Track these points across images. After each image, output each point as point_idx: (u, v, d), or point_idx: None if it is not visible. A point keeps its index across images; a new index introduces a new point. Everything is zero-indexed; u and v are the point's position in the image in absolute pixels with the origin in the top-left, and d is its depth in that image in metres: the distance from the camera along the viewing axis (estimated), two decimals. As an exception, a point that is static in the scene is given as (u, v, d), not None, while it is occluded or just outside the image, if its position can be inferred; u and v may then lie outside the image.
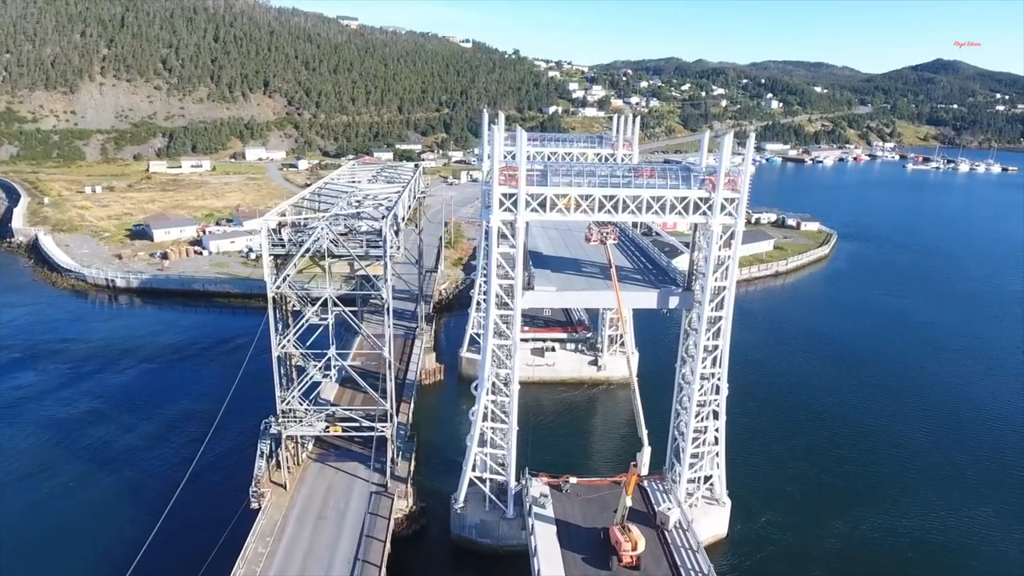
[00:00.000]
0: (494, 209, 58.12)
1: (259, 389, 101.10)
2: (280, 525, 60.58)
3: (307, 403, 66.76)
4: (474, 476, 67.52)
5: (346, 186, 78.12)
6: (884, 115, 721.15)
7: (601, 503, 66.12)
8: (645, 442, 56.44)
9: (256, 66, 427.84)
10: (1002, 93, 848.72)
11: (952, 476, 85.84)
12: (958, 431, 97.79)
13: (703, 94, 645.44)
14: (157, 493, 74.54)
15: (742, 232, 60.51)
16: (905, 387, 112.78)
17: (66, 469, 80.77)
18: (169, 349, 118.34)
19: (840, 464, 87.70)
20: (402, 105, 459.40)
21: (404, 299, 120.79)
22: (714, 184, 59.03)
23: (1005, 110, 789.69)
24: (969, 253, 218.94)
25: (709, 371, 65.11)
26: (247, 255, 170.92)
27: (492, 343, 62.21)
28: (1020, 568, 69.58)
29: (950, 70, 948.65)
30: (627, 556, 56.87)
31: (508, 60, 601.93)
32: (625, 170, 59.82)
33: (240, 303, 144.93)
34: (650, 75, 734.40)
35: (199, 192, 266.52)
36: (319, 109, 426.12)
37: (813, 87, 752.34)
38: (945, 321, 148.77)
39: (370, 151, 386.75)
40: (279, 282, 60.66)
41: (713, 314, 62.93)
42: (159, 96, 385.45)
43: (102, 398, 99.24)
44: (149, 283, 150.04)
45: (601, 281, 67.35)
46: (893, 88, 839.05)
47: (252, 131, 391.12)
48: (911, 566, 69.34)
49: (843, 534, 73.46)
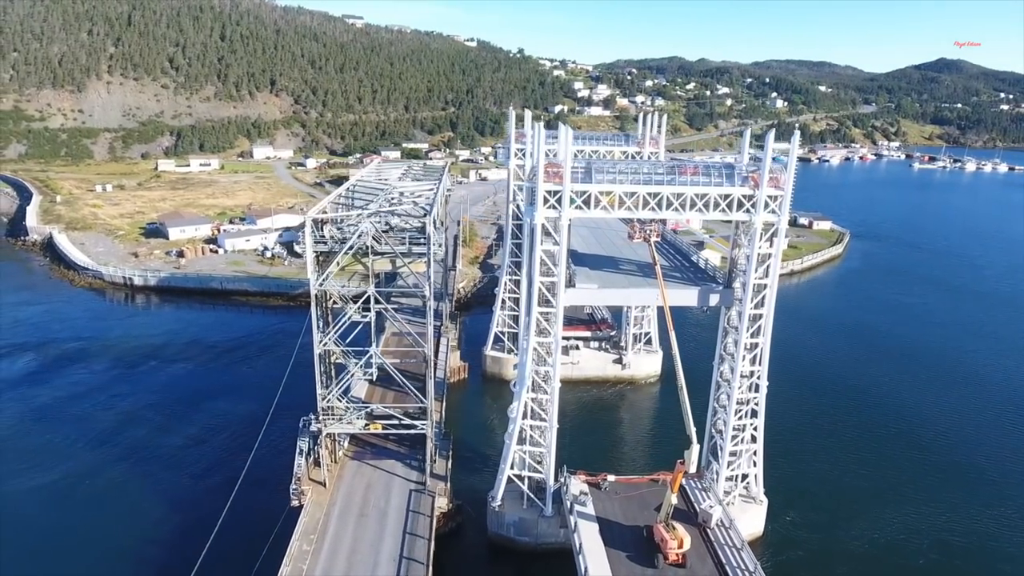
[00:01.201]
0: (538, 206, 57.96)
1: (292, 388, 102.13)
2: (322, 523, 60.51)
3: (345, 401, 66.58)
4: (512, 474, 67.41)
5: (379, 184, 77.97)
6: (888, 114, 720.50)
7: (641, 501, 66.00)
8: (694, 440, 56.27)
9: (263, 65, 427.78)
10: (1006, 92, 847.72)
11: (981, 477, 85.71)
12: (983, 430, 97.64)
13: (708, 93, 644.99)
14: (204, 492, 75.02)
15: (785, 229, 60.38)
16: (931, 385, 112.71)
17: (105, 470, 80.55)
18: (193, 348, 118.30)
19: (870, 463, 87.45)
20: (408, 104, 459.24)
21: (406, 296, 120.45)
22: (757, 181, 58.95)
23: (1009, 109, 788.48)
24: (983, 252, 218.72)
25: (749, 369, 64.99)
26: (263, 253, 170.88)
27: (534, 340, 62.10)
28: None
29: (954, 69, 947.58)
30: (673, 554, 56.72)
31: (513, 59, 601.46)
32: (668, 167, 59.66)
33: (259, 301, 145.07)
34: (654, 74, 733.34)
35: (209, 191, 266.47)
36: (326, 108, 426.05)
37: (817, 86, 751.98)
38: (965, 320, 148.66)
39: (377, 150, 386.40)
40: (322, 279, 60.34)
41: (754, 312, 62.81)
42: (166, 95, 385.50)
43: (133, 398, 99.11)
44: (167, 281, 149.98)
45: (640, 278, 67.23)
46: (897, 87, 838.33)
47: (259, 130, 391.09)
48: (943, 568, 69.12)
49: (874, 534, 73.22)
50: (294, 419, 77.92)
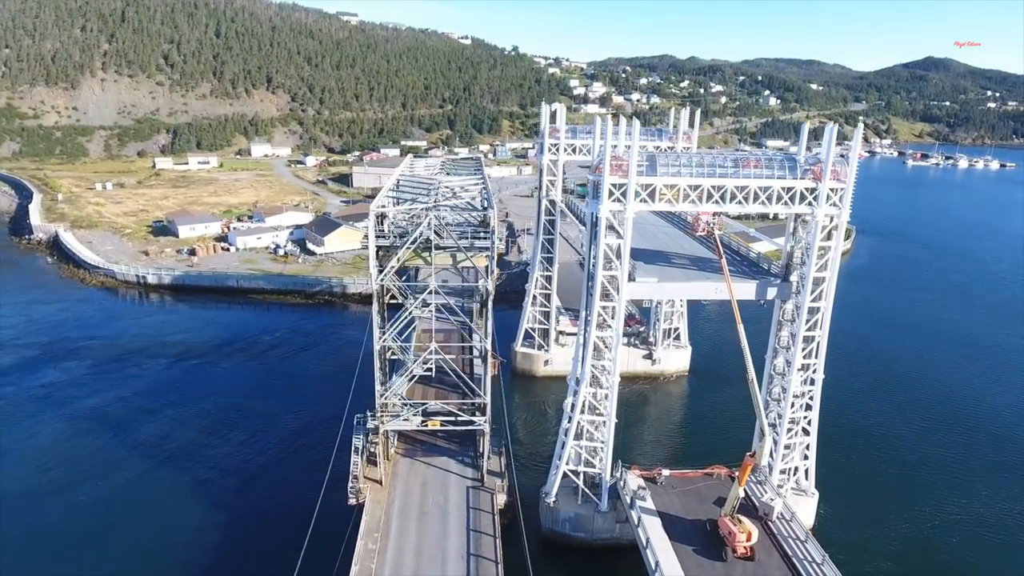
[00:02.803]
0: (603, 200, 57.61)
1: (317, 387, 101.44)
2: (384, 521, 59.87)
3: (402, 397, 65.92)
4: (568, 469, 67.09)
5: (426, 179, 77.21)
6: (879, 112, 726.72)
7: (698, 495, 65.89)
8: (767, 433, 56.14)
9: (258, 62, 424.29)
10: (992, 91, 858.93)
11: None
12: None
13: (702, 91, 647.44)
14: (232, 491, 74.20)
15: (846, 222, 60.47)
16: (981, 372, 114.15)
17: (129, 467, 79.26)
18: (213, 345, 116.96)
19: (922, 455, 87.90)
20: (405, 101, 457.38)
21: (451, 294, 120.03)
22: (819, 174, 58.95)
23: (996, 107, 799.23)
24: (987, 248, 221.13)
25: (806, 361, 65.00)
26: (275, 251, 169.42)
27: (595, 335, 61.77)
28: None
29: (941, 68, 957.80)
30: (741, 547, 56.62)
31: (508, 57, 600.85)
32: (732, 160, 59.49)
33: (276, 299, 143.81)
34: (647, 72, 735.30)
35: (211, 189, 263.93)
36: (323, 105, 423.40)
37: (809, 84, 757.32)
38: (981, 316, 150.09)
39: (376, 148, 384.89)
40: (384, 275, 59.59)
41: (812, 304, 62.80)
42: (162, 92, 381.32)
43: (154, 396, 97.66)
44: (181, 280, 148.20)
45: (697, 272, 67.13)
46: (886, 85, 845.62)
47: (256, 127, 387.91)
48: (996, 565, 69.60)
49: (922, 528, 73.52)
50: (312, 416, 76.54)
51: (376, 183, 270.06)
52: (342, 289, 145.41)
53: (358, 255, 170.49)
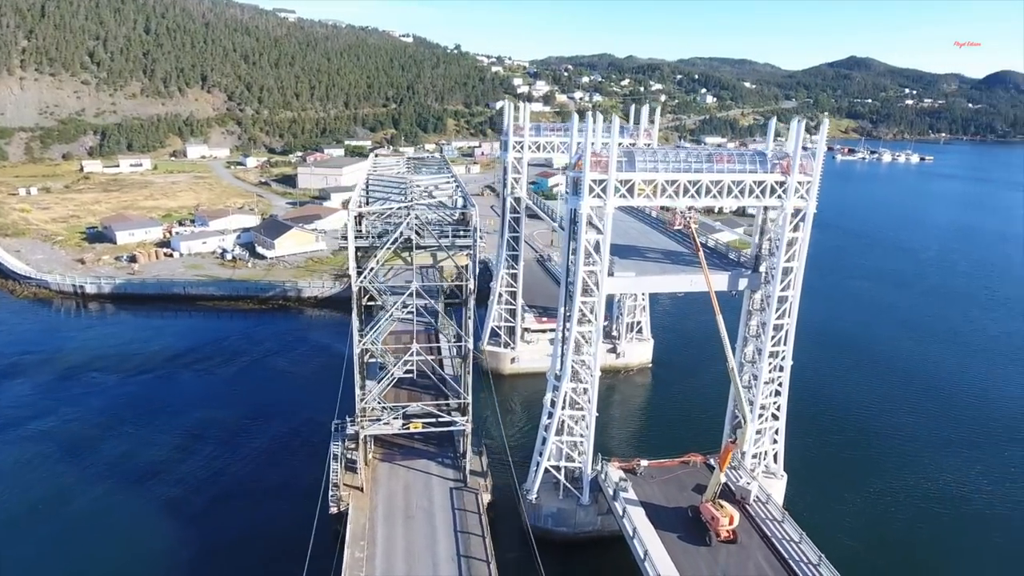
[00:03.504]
0: (584, 196, 58.00)
1: (272, 393, 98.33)
2: (369, 528, 58.56)
3: (381, 401, 64.60)
4: (550, 465, 67.33)
5: (396, 178, 75.79)
6: (808, 109, 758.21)
7: (678, 483, 67.26)
8: (747, 420, 57.71)
9: (192, 59, 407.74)
10: (910, 88, 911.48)
11: (958, 440, 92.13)
12: (954, 403, 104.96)
13: (642, 89, 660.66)
14: (221, 508, 71.09)
15: (813, 214, 62.82)
16: (922, 349, 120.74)
17: (89, 491, 74.58)
18: (165, 356, 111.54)
19: (881, 435, 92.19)
20: (348, 100, 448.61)
21: (398, 292, 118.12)
22: (787, 168, 61.04)
23: (914, 104, 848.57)
24: (914, 237, 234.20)
25: (775, 349, 67.18)
26: (222, 256, 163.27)
27: (576, 330, 62.16)
28: None
29: (863, 67, 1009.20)
30: (724, 531, 58.14)
31: (452, 56, 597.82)
32: (706, 155, 60.91)
33: (227, 306, 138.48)
34: (589, 71, 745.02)
35: (147, 192, 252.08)
36: (262, 105, 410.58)
37: (743, 83, 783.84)
38: (917, 301, 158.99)
39: (319, 148, 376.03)
40: (364, 276, 58.17)
41: (782, 293, 64.98)
42: (87, 91, 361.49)
43: (109, 413, 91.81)
44: (123, 288, 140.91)
45: (672, 265, 68.45)
46: (813, 84, 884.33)
47: (192, 128, 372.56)
48: (952, 535, 73.77)
49: (883, 503, 77.28)
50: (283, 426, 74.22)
51: (323, 184, 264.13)
52: (297, 293, 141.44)
53: (311, 258, 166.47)
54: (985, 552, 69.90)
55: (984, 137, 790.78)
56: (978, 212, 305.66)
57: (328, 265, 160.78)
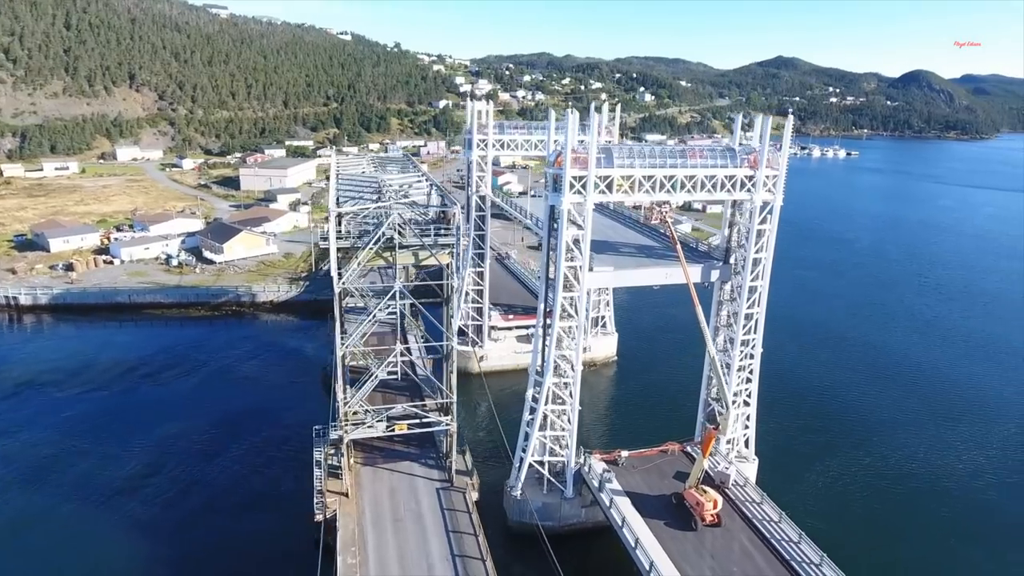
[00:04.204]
0: (565, 192, 58.59)
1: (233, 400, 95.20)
2: (358, 534, 57.52)
3: (363, 404, 63.48)
4: (533, 460, 67.74)
5: (366, 177, 74.43)
6: (741, 107, 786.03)
7: (658, 471, 68.90)
8: (730, 406, 59.57)
9: (118, 57, 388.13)
10: (833, 87, 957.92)
11: (921, 419, 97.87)
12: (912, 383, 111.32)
13: (583, 88, 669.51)
14: (189, 523, 68.28)
15: (780, 206, 65.38)
16: (863, 335, 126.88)
17: (53, 514, 70.35)
18: (117, 370, 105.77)
19: (830, 420, 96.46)
20: (287, 99, 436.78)
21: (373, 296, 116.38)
22: (755, 163, 63.35)
23: (838, 102, 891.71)
24: (846, 228, 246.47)
25: (746, 337, 69.62)
26: (167, 261, 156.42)
27: (559, 325, 62.76)
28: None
29: (790, 66, 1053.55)
30: (709, 515, 59.94)
31: (392, 54, 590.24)
32: (679, 151, 62.53)
33: (176, 313, 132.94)
34: (529, 70, 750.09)
35: (76, 197, 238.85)
36: (195, 104, 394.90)
37: (679, 82, 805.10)
38: (857, 289, 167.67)
39: (260, 148, 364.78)
40: (347, 278, 57.01)
41: (752, 283, 67.41)
42: (3, 91, 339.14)
43: (63, 432, 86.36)
44: (63, 298, 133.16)
45: (646, 259, 69.98)
46: (744, 82, 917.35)
47: (121, 129, 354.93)
48: (895, 500, 78.25)
49: (846, 480, 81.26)
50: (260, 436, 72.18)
51: (267, 185, 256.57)
52: (251, 298, 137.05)
53: (262, 261, 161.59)
54: (933, 524, 74.00)
55: (902, 133, 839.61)
56: (903, 203, 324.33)
57: (281, 268, 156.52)
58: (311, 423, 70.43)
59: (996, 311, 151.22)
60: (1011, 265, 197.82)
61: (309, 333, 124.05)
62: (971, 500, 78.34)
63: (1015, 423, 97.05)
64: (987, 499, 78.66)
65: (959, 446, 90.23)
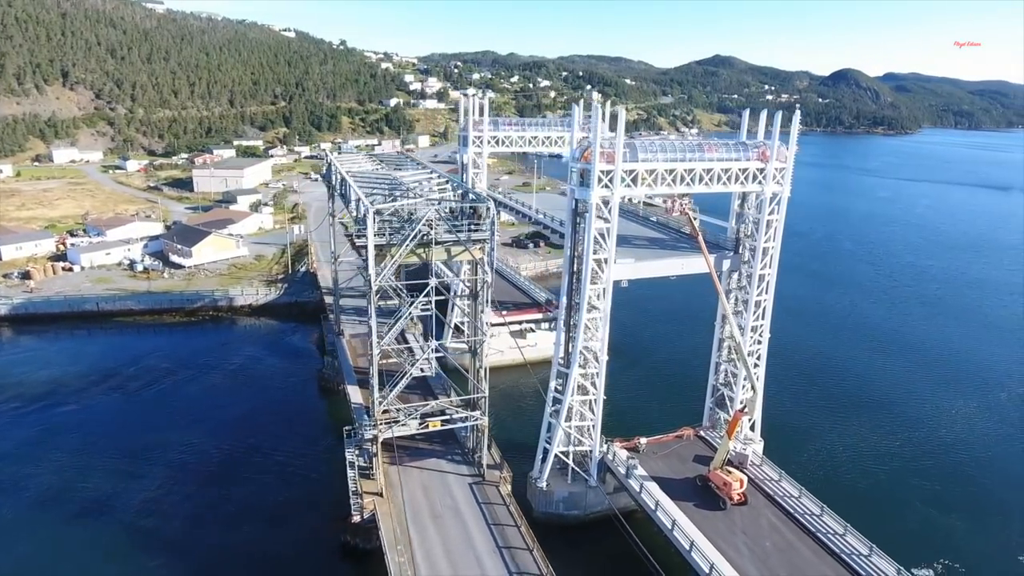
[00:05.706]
0: (593, 186, 59.91)
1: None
2: (401, 532, 57.38)
3: (396, 402, 63.17)
4: (559, 451, 68.93)
5: (382, 175, 73.73)
6: (683, 104, 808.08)
7: (678, 456, 71.21)
8: (757, 390, 62.14)
9: (49, 54, 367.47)
10: (768, 84, 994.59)
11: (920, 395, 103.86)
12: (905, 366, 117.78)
13: (531, 86, 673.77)
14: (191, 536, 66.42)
15: (787, 197, 68.56)
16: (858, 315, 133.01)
17: (32, 530, 67.31)
18: (90, 380, 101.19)
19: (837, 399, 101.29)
20: (233, 98, 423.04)
21: (355, 296, 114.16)
22: (766, 156, 66.29)
23: (773, 99, 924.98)
24: (800, 222, 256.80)
25: (755, 323, 72.69)
26: (131, 267, 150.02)
27: (586, 317, 64.08)
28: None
29: (727, 65, 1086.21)
30: (737, 494, 62.53)
31: (339, 52, 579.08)
32: (696, 145, 64.78)
33: (149, 320, 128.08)
34: (477, 68, 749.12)
35: (17, 202, 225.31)
36: (136, 103, 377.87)
37: (624, 80, 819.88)
38: (815, 280, 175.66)
39: (208, 149, 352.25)
40: (383, 275, 56.61)
41: (761, 272, 70.45)
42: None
43: (34, 444, 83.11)
44: (23, 308, 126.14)
45: (662, 251, 72.11)
46: (685, 80, 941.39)
47: (56, 129, 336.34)
48: (888, 475, 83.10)
49: (843, 458, 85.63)
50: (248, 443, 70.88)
51: (223, 187, 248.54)
52: (228, 302, 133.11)
53: (233, 264, 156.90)
54: (922, 497, 78.79)
55: (834, 129, 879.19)
56: (845, 195, 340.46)
57: (254, 271, 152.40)
58: (315, 426, 69.88)
59: (953, 304, 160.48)
60: (961, 256, 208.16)
61: (295, 336, 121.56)
62: (955, 472, 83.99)
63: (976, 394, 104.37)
64: (967, 473, 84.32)
65: (936, 423, 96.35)
